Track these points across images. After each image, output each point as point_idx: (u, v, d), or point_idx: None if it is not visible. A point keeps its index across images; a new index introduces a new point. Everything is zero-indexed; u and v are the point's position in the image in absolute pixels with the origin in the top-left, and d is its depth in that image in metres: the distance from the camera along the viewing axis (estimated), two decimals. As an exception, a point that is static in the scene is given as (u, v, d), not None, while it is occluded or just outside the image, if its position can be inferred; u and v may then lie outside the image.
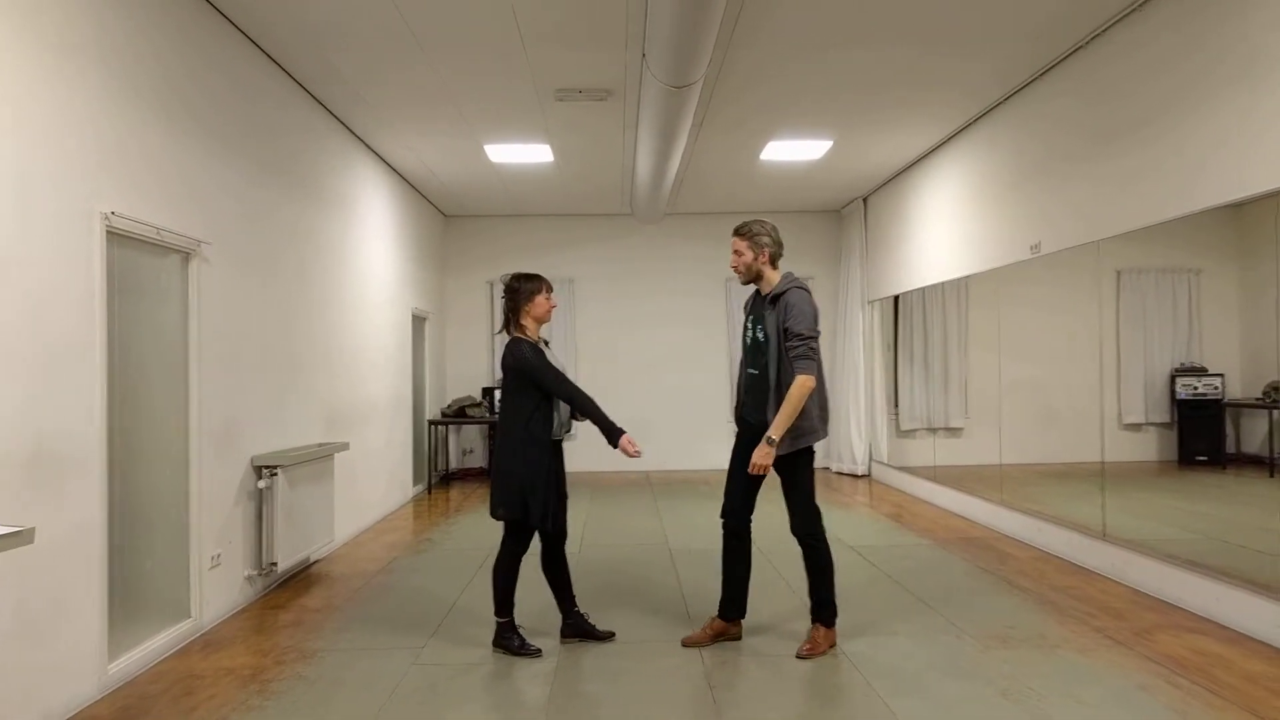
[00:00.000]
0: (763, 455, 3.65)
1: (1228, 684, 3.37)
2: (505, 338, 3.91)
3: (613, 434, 3.75)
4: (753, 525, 4.01)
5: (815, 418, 3.73)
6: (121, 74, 3.67)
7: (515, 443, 3.76)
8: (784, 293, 3.71)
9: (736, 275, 3.91)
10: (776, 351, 3.68)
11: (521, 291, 3.85)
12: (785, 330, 3.65)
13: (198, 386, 4.25)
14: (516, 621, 3.98)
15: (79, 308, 3.35)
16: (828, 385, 4.59)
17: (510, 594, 3.91)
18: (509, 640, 3.89)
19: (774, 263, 3.85)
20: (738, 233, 3.85)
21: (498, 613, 3.91)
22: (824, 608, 3.87)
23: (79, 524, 3.32)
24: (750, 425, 3.86)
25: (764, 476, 3.81)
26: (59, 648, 3.22)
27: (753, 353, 3.87)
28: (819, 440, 3.77)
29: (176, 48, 4.13)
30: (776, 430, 3.62)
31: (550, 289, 3.93)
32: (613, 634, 4.09)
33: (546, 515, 3.78)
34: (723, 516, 3.99)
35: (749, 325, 3.92)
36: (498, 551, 3.92)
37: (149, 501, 3.99)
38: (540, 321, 3.91)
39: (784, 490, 3.85)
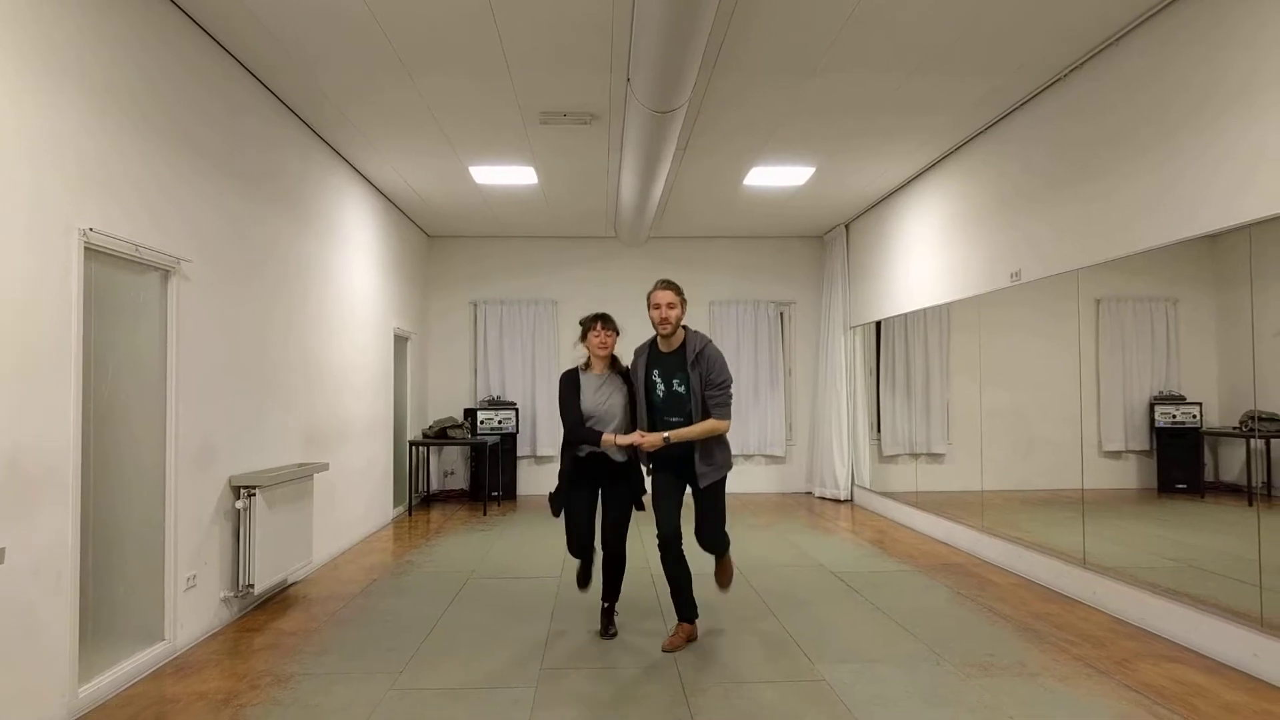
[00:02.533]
0: (652, 439, 4.08)
1: (1207, 714, 3.38)
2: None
3: (594, 441, 4.23)
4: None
5: (729, 454, 4.26)
6: (103, 89, 3.66)
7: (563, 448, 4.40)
8: (704, 348, 4.13)
9: (663, 325, 4.15)
10: (700, 400, 4.10)
11: (582, 327, 4.40)
12: (708, 380, 4.08)
13: (175, 405, 4.20)
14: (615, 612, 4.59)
15: (55, 325, 3.31)
16: (809, 412, 4.82)
17: (581, 575, 4.66)
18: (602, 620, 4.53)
19: None
20: (672, 288, 4.18)
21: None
22: (692, 604, 4.32)
23: (51, 544, 3.26)
24: (674, 458, 4.21)
25: (682, 498, 4.29)
26: (27, 670, 3.15)
27: (670, 404, 4.19)
28: (729, 471, 4.29)
29: (160, 64, 4.12)
30: (676, 435, 4.08)
31: (604, 325, 4.35)
32: (614, 634, 4.49)
33: (559, 511, 4.36)
34: (670, 539, 4.21)
35: (658, 379, 4.22)
36: None
37: (123, 521, 3.93)
38: (595, 355, 4.35)
39: (702, 512, 4.24)
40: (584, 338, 4.39)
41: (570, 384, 4.33)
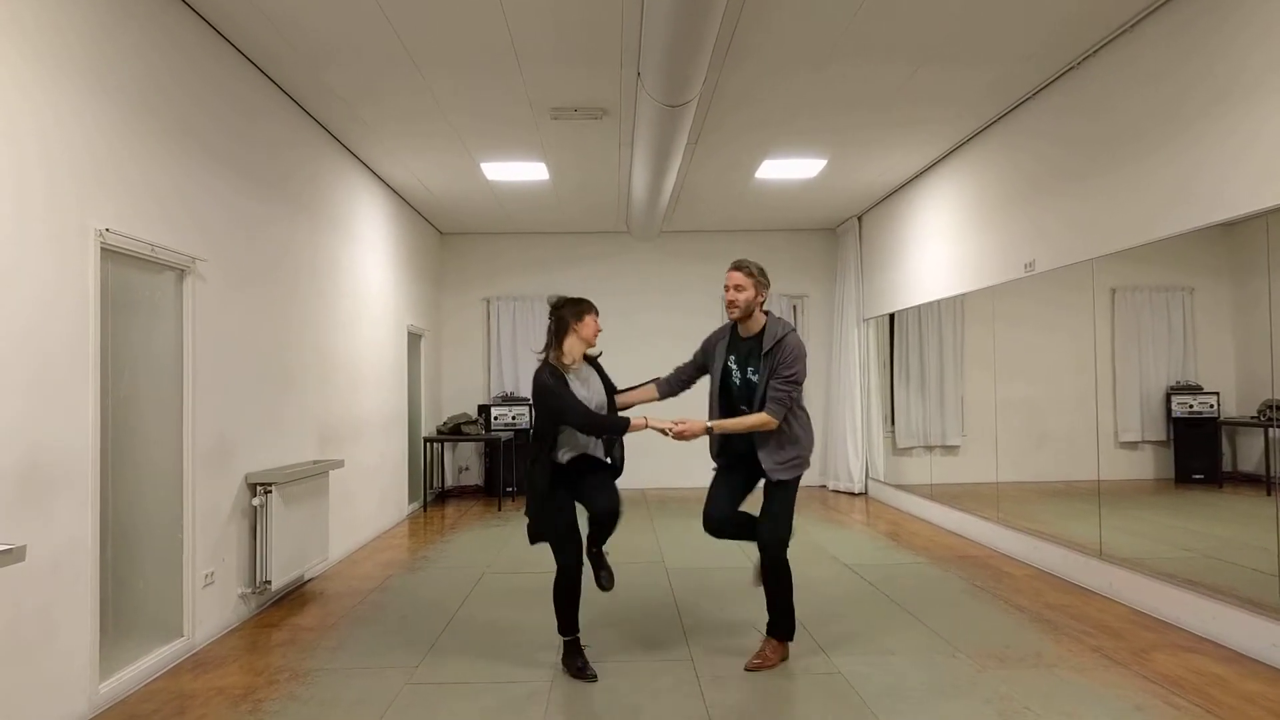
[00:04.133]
0: (694, 428, 3.75)
1: (1225, 704, 3.36)
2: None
3: (624, 429, 3.76)
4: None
5: (808, 451, 3.92)
6: (117, 91, 3.68)
7: (532, 463, 3.81)
8: (784, 336, 3.81)
9: (730, 308, 3.89)
10: (763, 390, 3.79)
11: (567, 314, 3.89)
12: (776, 370, 3.76)
13: (192, 403, 4.24)
14: (583, 641, 3.93)
15: (73, 324, 3.34)
16: (823, 405, 4.62)
17: (564, 612, 3.83)
18: (570, 660, 3.84)
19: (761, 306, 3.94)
20: (742, 269, 3.86)
21: (560, 630, 3.87)
22: (784, 618, 3.92)
23: (70, 541, 3.30)
24: (742, 454, 3.94)
25: (748, 492, 4.00)
26: (49, 667, 3.19)
27: (744, 393, 3.90)
28: (806, 469, 3.93)
29: (173, 65, 4.15)
30: (719, 426, 3.78)
31: (597, 312, 4.00)
32: (611, 581, 4.02)
33: (537, 535, 3.83)
34: (718, 521, 3.97)
35: (733, 366, 3.94)
36: None
37: (142, 519, 3.97)
38: (588, 343, 3.92)
39: (769, 504, 3.87)
40: (578, 321, 3.87)
41: (559, 378, 3.73)
